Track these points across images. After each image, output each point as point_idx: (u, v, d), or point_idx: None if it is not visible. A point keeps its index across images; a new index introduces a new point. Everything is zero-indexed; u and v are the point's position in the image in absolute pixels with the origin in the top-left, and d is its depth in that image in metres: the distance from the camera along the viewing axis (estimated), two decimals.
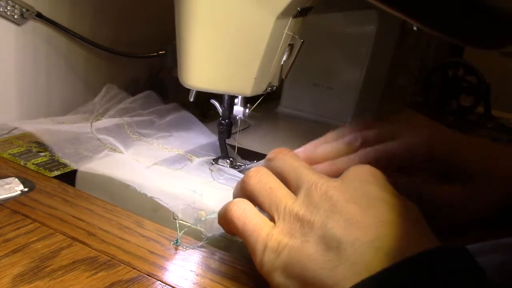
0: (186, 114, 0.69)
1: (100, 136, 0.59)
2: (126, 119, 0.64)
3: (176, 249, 0.44)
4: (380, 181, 0.40)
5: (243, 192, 0.42)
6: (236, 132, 0.58)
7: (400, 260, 0.32)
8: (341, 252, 0.34)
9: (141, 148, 0.59)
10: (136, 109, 0.68)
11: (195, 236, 0.47)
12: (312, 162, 0.50)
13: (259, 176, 0.41)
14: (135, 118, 0.65)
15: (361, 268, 0.33)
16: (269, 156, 0.45)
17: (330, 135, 0.54)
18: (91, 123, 0.62)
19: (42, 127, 0.62)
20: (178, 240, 0.45)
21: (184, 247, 0.44)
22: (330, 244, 0.35)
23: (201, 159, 0.58)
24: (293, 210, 0.38)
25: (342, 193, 0.37)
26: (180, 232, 0.45)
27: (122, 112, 0.67)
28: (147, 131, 0.63)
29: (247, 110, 0.56)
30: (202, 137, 0.64)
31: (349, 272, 0.33)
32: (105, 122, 0.64)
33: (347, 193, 0.38)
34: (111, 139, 0.59)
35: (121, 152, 0.57)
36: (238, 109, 0.56)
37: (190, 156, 0.58)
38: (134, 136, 0.61)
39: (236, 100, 0.56)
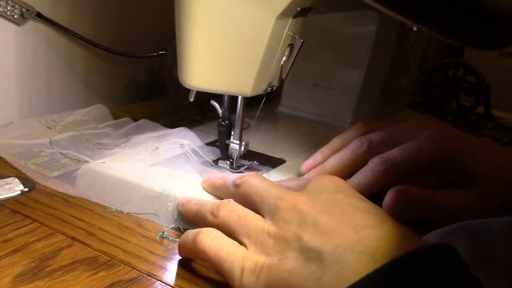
0: (142, 122, 0.68)
1: (61, 151, 0.59)
2: (82, 131, 0.64)
3: (162, 241, 0.44)
4: (347, 190, 0.40)
5: (213, 224, 0.41)
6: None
7: (389, 261, 0.32)
8: (324, 262, 0.34)
9: (108, 153, 0.58)
10: (88, 122, 0.68)
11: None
12: None
13: (227, 208, 0.41)
14: (91, 131, 0.64)
15: (347, 273, 0.32)
16: (236, 181, 0.44)
17: (335, 142, 0.54)
18: (50, 139, 0.61)
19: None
20: (164, 232, 0.46)
21: (170, 239, 0.45)
22: (310, 256, 0.35)
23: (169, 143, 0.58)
24: (263, 229, 0.38)
25: (311, 206, 0.37)
26: (167, 226, 0.47)
27: (75, 124, 0.66)
28: (107, 141, 0.63)
29: (242, 148, 0.56)
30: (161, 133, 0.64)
31: (335, 280, 0.33)
32: (61, 135, 0.63)
33: (316, 205, 0.37)
34: (72, 153, 0.58)
35: (86, 161, 0.56)
36: (234, 147, 0.56)
37: (182, 146, 0.58)
38: (94, 146, 0.61)
39: (233, 132, 0.56)
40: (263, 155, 0.62)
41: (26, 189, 0.51)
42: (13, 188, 0.50)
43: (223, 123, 0.56)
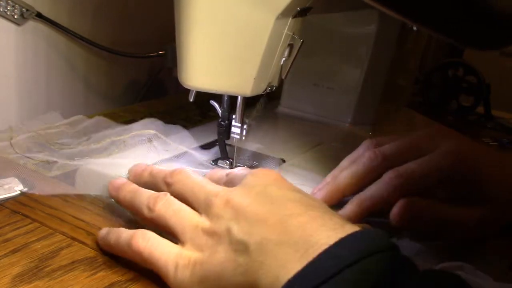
0: (98, 120, 0.67)
1: (27, 154, 0.57)
2: (39, 131, 0.62)
3: None
4: (280, 182, 0.40)
5: (149, 218, 0.41)
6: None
7: (320, 253, 0.32)
8: (250, 254, 0.34)
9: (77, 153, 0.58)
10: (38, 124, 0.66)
11: None
12: (338, 194, 0.49)
13: (163, 202, 0.41)
14: (48, 131, 0.62)
15: (271, 263, 0.33)
16: (166, 180, 0.44)
17: (344, 163, 0.52)
18: (10, 142, 0.59)
19: None
20: None
21: None
22: (239, 249, 0.35)
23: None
24: (198, 226, 0.38)
25: (243, 201, 0.37)
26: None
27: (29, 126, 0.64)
28: (66, 140, 0.61)
29: (244, 131, 0.56)
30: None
31: (259, 270, 0.33)
32: (19, 137, 0.60)
33: (249, 198, 0.38)
34: (38, 155, 0.57)
35: (55, 161, 0.56)
36: (236, 130, 0.56)
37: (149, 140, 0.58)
38: (55, 147, 0.59)
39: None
40: (263, 155, 0.62)
41: (25, 189, 0.51)
42: (13, 188, 0.50)
43: (222, 123, 0.56)
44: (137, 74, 0.88)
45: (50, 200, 0.50)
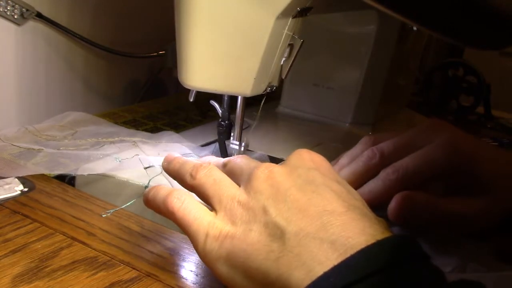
0: (85, 115, 0.67)
1: (14, 143, 0.58)
2: (28, 126, 0.63)
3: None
4: (323, 167, 0.40)
5: (190, 185, 0.41)
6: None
7: (354, 253, 0.31)
8: (285, 243, 0.34)
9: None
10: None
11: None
12: None
13: (205, 171, 0.41)
14: (36, 126, 0.63)
15: (306, 259, 0.32)
16: (223, 161, 0.44)
17: (343, 160, 0.52)
18: None
19: None
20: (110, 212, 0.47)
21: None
22: (274, 233, 0.34)
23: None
24: (235, 197, 0.38)
25: (285, 179, 0.37)
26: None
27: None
28: (53, 133, 0.62)
29: (242, 148, 0.56)
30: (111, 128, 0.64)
31: (293, 263, 0.33)
32: (6, 129, 0.62)
33: (290, 179, 0.37)
34: (24, 144, 0.57)
35: (40, 150, 0.56)
36: (234, 148, 0.56)
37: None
38: (42, 138, 0.60)
39: (232, 134, 0.56)
40: (263, 155, 0.62)
41: (26, 189, 0.51)
42: (13, 188, 0.50)
43: (222, 123, 0.56)
44: (137, 74, 0.88)
45: (50, 200, 0.50)
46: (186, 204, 0.39)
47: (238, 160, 0.42)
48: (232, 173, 0.41)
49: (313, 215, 0.34)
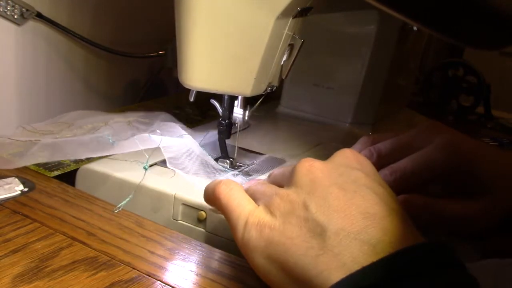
0: (82, 112, 0.67)
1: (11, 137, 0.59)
2: (25, 126, 0.63)
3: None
4: (367, 168, 0.40)
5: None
6: (236, 132, 0.58)
7: (389, 255, 0.32)
8: (325, 241, 0.34)
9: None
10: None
11: (195, 235, 0.47)
12: None
13: (258, 182, 0.42)
14: (33, 125, 0.64)
15: (346, 259, 0.32)
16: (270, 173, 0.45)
17: None
18: None
19: None
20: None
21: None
22: (314, 229, 0.34)
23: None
24: (277, 191, 0.39)
25: (326, 176, 0.37)
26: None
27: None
28: (49, 129, 0.63)
29: (247, 113, 0.56)
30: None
31: (333, 262, 0.33)
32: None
33: (332, 177, 0.37)
34: (20, 138, 0.58)
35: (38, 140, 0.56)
36: (237, 112, 0.56)
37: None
38: (39, 133, 0.61)
39: (236, 102, 0.56)
40: (263, 155, 0.62)
41: (26, 189, 0.51)
42: (13, 188, 0.50)
43: (223, 122, 0.56)
44: (137, 74, 0.88)
45: (50, 200, 0.50)
46: (233, 192, 0.40)
47: (280, 169, 0.44)
48: (275, 181, 0.42)
49: (355, 215, 0.34)
